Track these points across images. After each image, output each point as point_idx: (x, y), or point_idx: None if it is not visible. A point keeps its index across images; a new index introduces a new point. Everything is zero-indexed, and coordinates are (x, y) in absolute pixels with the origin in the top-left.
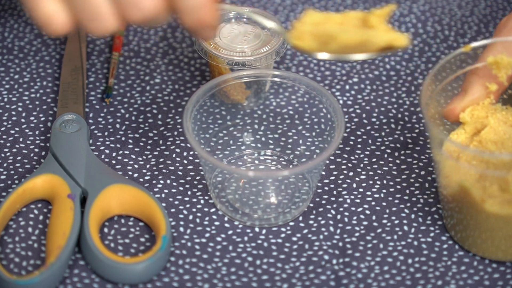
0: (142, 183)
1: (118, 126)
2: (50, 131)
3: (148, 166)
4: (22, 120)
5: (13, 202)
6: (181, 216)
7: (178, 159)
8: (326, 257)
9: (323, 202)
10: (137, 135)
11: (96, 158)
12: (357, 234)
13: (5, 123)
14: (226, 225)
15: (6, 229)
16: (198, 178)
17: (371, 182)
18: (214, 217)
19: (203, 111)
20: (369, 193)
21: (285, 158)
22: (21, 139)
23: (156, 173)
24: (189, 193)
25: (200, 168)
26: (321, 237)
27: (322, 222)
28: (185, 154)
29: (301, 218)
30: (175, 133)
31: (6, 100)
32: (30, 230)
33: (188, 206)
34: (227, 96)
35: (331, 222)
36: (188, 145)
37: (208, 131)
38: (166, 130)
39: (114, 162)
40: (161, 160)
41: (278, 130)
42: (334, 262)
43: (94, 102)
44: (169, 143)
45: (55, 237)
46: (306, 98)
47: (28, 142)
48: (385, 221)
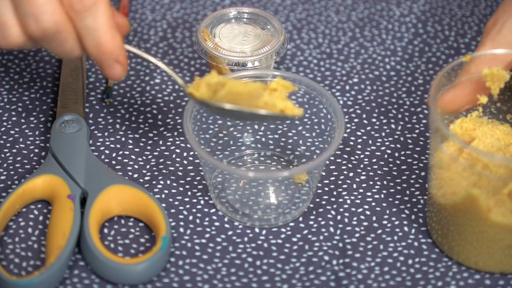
0: (142, 184)
1: (118, 126)
2: (50, 132)
3: (148, 167)
4: (22, 120)
5: (13, 203)
6: (181, 216)
7: (178, 160)
8: (326, 257)
9: (323, 202)
10: (137, 136)
11: (96, 158)
12: (357, 235)
13: (5, 123)
14: (226, 225)
15: (6, 229)
16: (198, 178)
17: (371, 182)
18: (214, 217)
19: (203, 112)
20: (369, 193)
21: (285, 158)
22: (21, 140)
23: (156, 173)
24: (189, 193)
25: (200, 168)
26: (321, 237)
27: (322, 223)
28: (185, 154)
29: (301, 219)
30: (175, 133)
31: (6, 100)
32: (30, 230)
33: (188, 206)
34: None
35: (331, 223)
36: (188, 145)
37: (208, 132)
38: (166, 131)
39: (114, 162)
40: (161, 160)
41: (278, 130)
42: (334, 262)
43: (94, 102)
44: (169, 144)
45: (55, 237)
46: (306, 99)
47: (28, 143)
48: (385, 222)
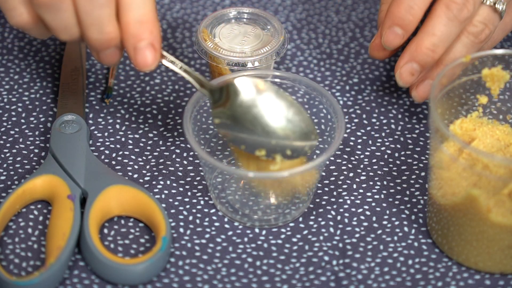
0: (142, 184)
1: (118, 126)
2: (50, 132)
3: (148, 167)
4: (22, 120)
5: (13, 203)
6: (181, 217)
7: (178, 160)
8: (326, 258)
9: (323, 203)
10: (137, 136)
11: (96, 158)
12: (357, 235)
13: (5, 124)
14: (226, 226)
15: (6, 229)
16: (198, 179)
17: (371, 183)
18: (214, 218)
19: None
20: (369, 194)
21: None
22: (21, 140)
23: (156, 173)
24: (189, 194)
25: (200, 169)
26: (321, 238)
27: (322, 223)
28: (185, 154)
29: (301, 219)
30: (175, 133)
31: (6, 100)
32: (30, 231)
33: (188, 207)
34: None
35: (331, 223)
36: (188, 145)
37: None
38: (166, 131)
39: (114, 162)
40: (161, 160)
41: None
42: (334, 263)
43: (94, 102)
44: (169, 144)
45: (55, 238)
46: (306, 99)
47: (28, 143)
48: (385, 222)
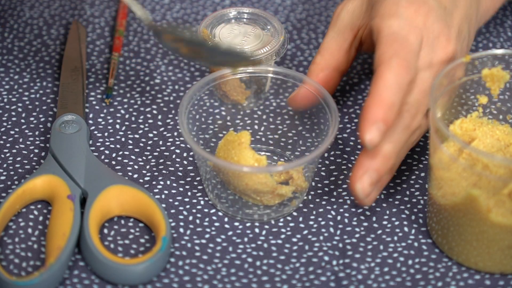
0: (142, 184)
1: (118, 126)
2: (50, 132)
3: (148, 167)
4: (22, 120)
5: (12, 203)
6: (181, 217)
7: (178, 160)
8: (326, 258)
9: (323, 203)
10: (137, 136)
11: (96, 158)
12: (357, 235)
13: (5, 124)
14: (226, 226)
15: (6, 230)
16: (198, 179)
17: None
18: (214, 218)
19: (203, 111)
20: None
21: (285, 158)
22: (21, 140)
23: (156, 174)
24: (189, 194)
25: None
26: (321, 238)
27: (322, 223)
28: (185, 154)
29: (301, 219)
30: (175, 133)
31: (6, 100)
32: (29, 231)
33: (188, 207)
34: (227, 96)
35: (331, 223)
36: (188, 146)
37: (208, 132)
38: (166, 131)
39: (114, 162)
40: (161, 161)
41: (278, 131)
42: (334, 263)
43: (94, 102)
44: (169, 144)
45: (55, 238)
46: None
47: (28, 143)
48: (385, 222)
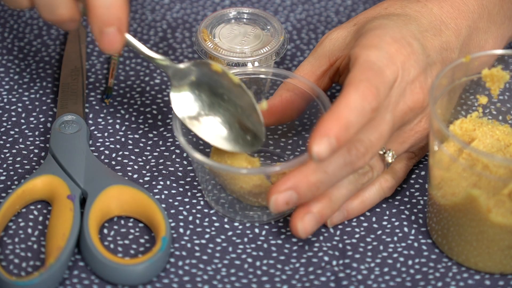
0: (142, 184)
1: (118, 126)
2: (50, 132)
3: (148, 167)
4: (22, 120)
5: (12, 203)
6: (180, 217)
7: (178, 160)
8: (326, 258)
9: None
10: (137, 136)
11: (95, 159)
12: (357, 236)
13: (4, 124)
14: (226, 226)
15: (6, 230)
16: (198, 179)
17: None
18: (214, 218)
19: None
20: None
21: (285, 159)
22: (20, 140)
23: (156, 174)
24: (189, 194)
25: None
26: (321, 238)
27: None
28: (185, 155)
29: None
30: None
31: (6, 100)
32: (29, 231)
33: (188, 207)
34: None
35: None
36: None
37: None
38: (166, 131)
39: (113, 163)
40: (161, 161)
41: (278, 131)
42: (334, 263)
43: (94, 102)
44: (169, 144)
45: (55, 238)
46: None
47: (27, 143)
48: (385, 222)
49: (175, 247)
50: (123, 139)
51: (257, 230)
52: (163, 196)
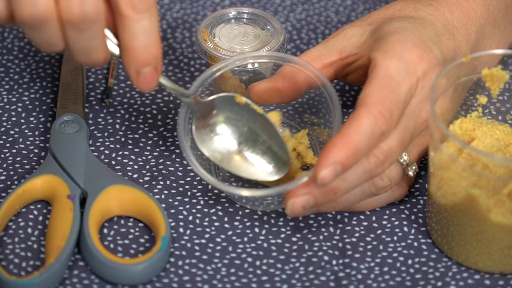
0: (141, 184)
1: (117, 126)
2: (50, 132)
3: (147, 167)
4: (22, 120)
5: (12, 203)
6: (180, 217)
7: (178, 160)
8: (326, 257)
9: None
10: (136, 136)
11: (95, 158)
12: (357, 235)
13: (4, 124)
14: (226, 225)
15: (6, 229)
16: (197, 178)
17: None
18: (214, 217)
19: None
20: None
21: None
22: (20, 140)
23: (156, 174)
24: (188, 194)
25: None
26: (321, 237)
27: (322, 223)
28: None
29: (301, 218)
30: (175, 133)
31: (5, 100)
32: (29, 230)
33: (187, 207)
34: None
35: (331, 223)
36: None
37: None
38: (166, 131)
39: (113, 162)
40: (160, 161)
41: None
42: (334, 262)
43: (94, 102)
44: (169, 144)
45: (55, 237)
46: (305, 99)
47: (27, 143)
48: (385, 222)
49: (175, 247)
50: (123, 139)
51: (257, 230)
52: (163, 196)
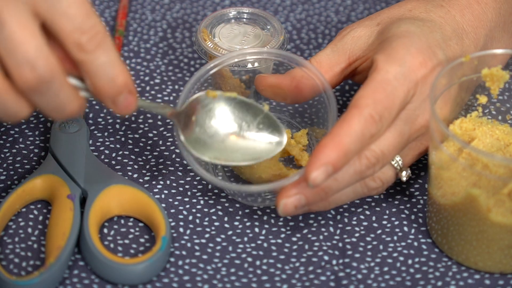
0: (141, 184)
1: (118, 126)
2: (50, 132)
3: (147, 167)
4: (22, 120)
5: (12, 203)
6: (180, 216)
7: (177, 160)
8: (326, 257)
9: None
10: (137, 136)
11: (96, 158)
12: (357, 235)
13: (4, 124)
14: (226, 225)
15: (6, 229)
16: (198, 178)
17: None
18: (214, 217)
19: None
20: None
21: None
22: (20, 140)
23: (156, 173)
24: (188, 193)
25: None
26: (321, 237)
27: (322, 222)
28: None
29: (301, 218)
30: (175, 133)
31: None
32: (29, 230)
33: (187, 206)
34: None
35: (331, 223)
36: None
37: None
38: (166, 131)
39: (113, 162)
40: (160, 160)
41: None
42: (334, 262)
43: (94, 102)
44: (169, 144)
45: (55, 237)
46: (307, 108)
47: (27, 143)
48: (385, 221)
49: (175, 247)
50: (123, 139)
51: (257, 230)
52: (163, 196)
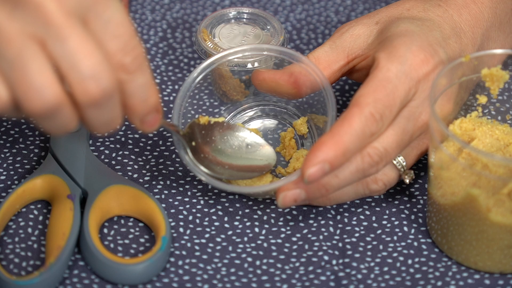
0: (141, 184)
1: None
2: None
3: (147, 167)
4: (22, 120)
5: (12, 203)
6: (180, 216)
7: (177, 160)
8: (326, 257)
9: None
10: (136, 136)
11: (95, 158)
12: (357, 235)
13: (5, 123)
14: (226, 225)
15: (6, 229)
16: (198, 178)
17: None
18: (214, 217)
19: (202, 111)
20: None
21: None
22: (21, 140)
23: (156, 173)
24: (188, 193)
25: None
26: (321, 237)
27: (322, 222)
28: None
29: (300, 218)
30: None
31: None
32: (29, 230)
33: (187, 206)
34: (227, 96)
35: (331, 223)
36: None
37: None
38: (166, 131)
39: (113, 162)
40: (161, 160)
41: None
42: (334, 262)
43: None
44: (169, 144)
45: (55, 237)
46: (305, 98)
47: (27, 143)
48: (385, 221)
49: (175, 247)
50: (123, 139)
51: (257, 230)
52: (163, 196)
